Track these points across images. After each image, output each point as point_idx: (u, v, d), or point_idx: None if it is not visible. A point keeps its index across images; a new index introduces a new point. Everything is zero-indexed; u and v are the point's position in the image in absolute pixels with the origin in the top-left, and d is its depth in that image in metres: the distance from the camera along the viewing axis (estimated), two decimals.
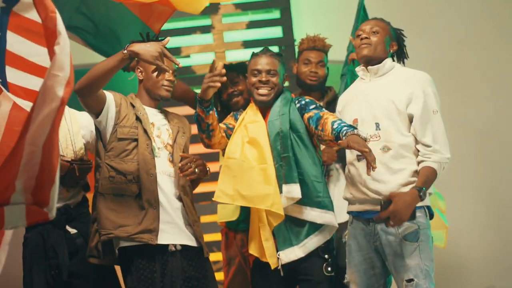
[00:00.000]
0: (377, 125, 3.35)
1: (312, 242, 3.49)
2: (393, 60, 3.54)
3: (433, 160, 3.29)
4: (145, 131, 3.49)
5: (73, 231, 3.68)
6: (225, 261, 4.19)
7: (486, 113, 5.60)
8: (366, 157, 3.05)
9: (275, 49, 5.52)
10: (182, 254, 3.44)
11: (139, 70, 3.60)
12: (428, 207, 3.37)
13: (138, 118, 3.50)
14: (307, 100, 3.62)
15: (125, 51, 3.26)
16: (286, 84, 5.29)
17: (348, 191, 3.46)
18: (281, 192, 3.46)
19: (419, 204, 3.29)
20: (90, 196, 3.69)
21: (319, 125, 3.42)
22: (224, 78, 3.35)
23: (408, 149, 3.33)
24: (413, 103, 3.33)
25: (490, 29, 5.66)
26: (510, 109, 5.63)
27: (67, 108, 3.73)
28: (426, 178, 3.26)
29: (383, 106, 3.36)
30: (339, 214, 3.64)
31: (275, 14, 5.66)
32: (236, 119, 3.64)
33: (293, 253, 3.48)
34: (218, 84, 3.34)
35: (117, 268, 3.65)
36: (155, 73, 3.49)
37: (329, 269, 3.53)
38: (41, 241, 3.59)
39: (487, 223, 5.44)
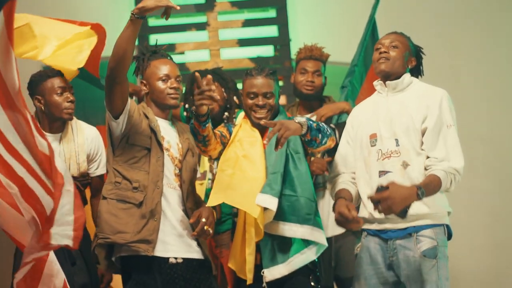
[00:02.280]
0: (397, 141, 3.31)
1: (298, 261, 3.43)
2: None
3: (439, 168, 3.22)
4: (159, 143, 3.47)
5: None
6: None
7: (485, 120, 5.58)
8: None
9: (270, 48, 5.54)
10: (185, 266, 3.43)
11: (143, 83, 3.58)
12: (448, 226, 3.32)
13: (152, 130, 3.48)
14: None
15: (132, 13, 3.23)
16: (281, 83, 5.27)
17: (366, 211, 3.38)
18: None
19: (439, 222, 3.27)
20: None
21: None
22: (213, 88, 3.27)
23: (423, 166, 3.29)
24: (428, 119, 3.29)
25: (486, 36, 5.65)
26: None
27: (74, 120, 3.73)
28: (428, 182, 3.19)
29: (402, 123, 3.32)
30: (332, 228, 3.62)
31: (271, 13, 5.64)
32: (229, 132, 3.59)
33: (277, 271, 3.42)
34: (209, 101, 3.27)
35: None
36: (159, 83, 3.49)
37: (313, 284, 3.47)
38: None
39: (481, 231, 5.44)
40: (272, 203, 3.36)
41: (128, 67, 3.35)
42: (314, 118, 3.93)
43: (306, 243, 3.44)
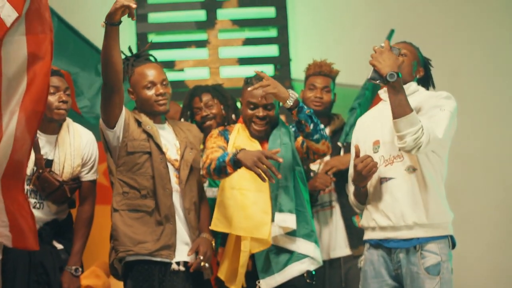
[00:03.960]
0: None
1: (293, 270, 3.44)
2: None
3: (421, 119, 3.12)
4: (157, 145, 3.43)
5: (59, 246, 3.61)
6: None
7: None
8: None
9: (270, 67, 5.51)
10: (186, 275, 3.40)
11: (130, 92, 3.54)
12: (452, 237, 3.27)
13: (147, 133, 3.44)
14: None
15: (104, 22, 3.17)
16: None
17: (369, 218, 3.33)
18: (272, 220, 3.40)
19: (443, 233, 3.22)
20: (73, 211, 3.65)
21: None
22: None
23: (432, 170, 3.24)
24: (423, 110, 3.23)
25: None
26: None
27: (71, 122, 3.68)
28: (405, 94, 3.12)
29: None
30: (340, 248, 3.62)
31: (272, 32, 5.62)
32: (226, 140, 3.55)
33: (273, 280, 3.42)
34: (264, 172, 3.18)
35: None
36: (145, 91, 3.46)
37: (308, 280, 3.47)
38: (26, 256, 3.50)
39: (491, 243, 5.40)
40: (292, 221, 3.38)
41: (122, 72, 3.31)
42: (321, 167, 3.94)
43: (303, 255, 3.45)
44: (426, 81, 3.50)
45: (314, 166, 4.03)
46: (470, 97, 5.38)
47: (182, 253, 3.43)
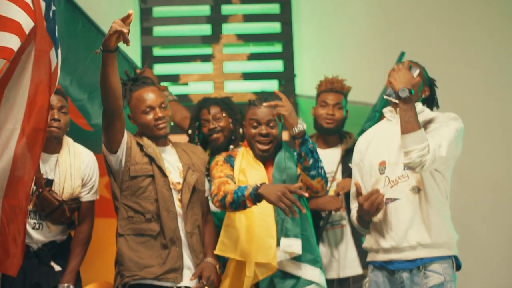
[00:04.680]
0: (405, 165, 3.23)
1: None
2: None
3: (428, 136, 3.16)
4: (160, 168, 3.42)
5: (57, 267, 3.58)
6: None
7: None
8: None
9: (274, 83, 5.50)
10: None
11: (130, 117, 3.55)
12: (456, 257, 3.25)
13: (149, 156, 3.43)
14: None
15: (100, 49, 3.14)
16: None
17: (373, 240, 3.32)
18: (277, 245, 3.38)
19: (447, 253, 3.21)
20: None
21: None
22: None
23: (437, 190, 3.24)
24: (430, 128, 3.26)
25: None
26: None
27: (71, 142, 3.66)
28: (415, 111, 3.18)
29: None
30: (351, 267, 3.62)
31: (277, 48, 5.61)
32: (231, 166, 3.52)
33: None
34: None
35: None
36: (143, 116, 3.46)
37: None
38: (22, 277, 3.47)
39: (501, 262, 5.36)
40: (298, 246, 3.36)
41: (121, 97, 3.30)
42: (334, 187, 3.96)
43: (308, 281, 3.42)
44: (431, 101, 3.49)
45: None
46: (476, 116, 5.38)
47: (185, 278, 3.41)
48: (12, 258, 2.80)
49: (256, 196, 3.20)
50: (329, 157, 4.01)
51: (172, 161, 3.53)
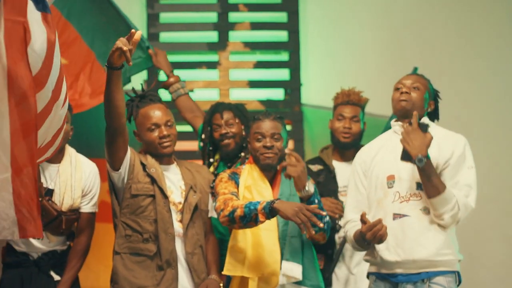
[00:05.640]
0: (419, 185, 3.24)
1: None
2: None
3: (454, 192, 3.19)
4: (161, 189, 3.39)
5: (56, 277, 3.56)
6: None
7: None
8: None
9: (280, 91, 5.48)
10: None
11: (135, 133, 3.54)
12: (458, 273, 3.26)
13: (151, 177, 3.40)
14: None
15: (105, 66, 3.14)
16: (289, 128, 5.19)
17: (376, 253, 3.30)
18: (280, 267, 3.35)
19: (452, 269, 3.22)
20: None
21: None
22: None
23: None
24: (450, 160, 3.27)
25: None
26: None
27: (74, 153, 3.62)
28: (436, 173, 3.18)
29: None
30: (359, 282, 3.61)
31: (284, 56, 5.59)
32: (236, 184, 3.48)
33: None
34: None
35: None
36: (148, 133, 3.44)
37: None
38: (20, 285, 3.45)
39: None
40: (298, 272, 3.34)
41: (124, 115, 3.28)
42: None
43: None
44: (434, 114, 3.47)
45: (342, 198, 3.97)
46: (480, 125, 5.36)
47: None
48: (34, 220, 2.68)
49: (271, 210, 3.16)
50: (345, 171, 3.96)
51: (175, 181, 3.51)
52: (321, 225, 3.21)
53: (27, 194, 2.39)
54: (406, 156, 3.19)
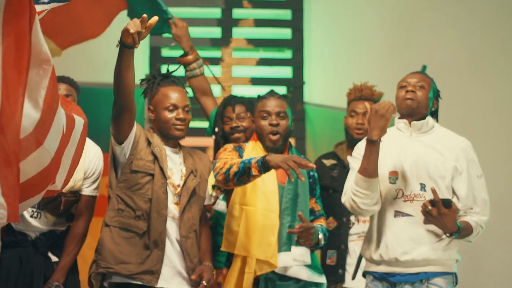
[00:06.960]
0: (422, 185, 3.23)
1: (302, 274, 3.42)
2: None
3: (474, 219, 3.23)
4: (162, 170, 3.38)
5: (54, 258, 3.54)
6: None
7: None
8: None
9: (283, 89, 5.46)
10: None
11: (150, 110, 3.51)
12: (455, 275, 3.27)
13: (154, 155, 3.39)
14: (316, 176, 3.57)
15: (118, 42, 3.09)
16: None
17: (375, 251, 3.29)
18: (284, 250, 3.37)
19: (450, 270, 3.23)
20: None
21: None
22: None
23: None
24: (458, 168, 3.26)
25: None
26: None
27: None
28: (464, 226, 3.19)
29: (430, 168, 3.25)
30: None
31: (287, 54, 5.58)
32: (240, 156, 3.47)
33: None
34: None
35: None
36: (165, 112, 3.42)
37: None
38: (18, 264, 3.44)
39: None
40: (307, 256, 3.39)
41: (133, 92, 3.26)
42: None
43: (308, 283, 3.43)
44: (435, 113, 3.46)
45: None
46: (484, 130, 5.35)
47: (172, 281, 3.37)
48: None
49: (263, 163, 3.16)
50: None
51: (177, 164, 3.50)
52: (303, 179, 3.14)
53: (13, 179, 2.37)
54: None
